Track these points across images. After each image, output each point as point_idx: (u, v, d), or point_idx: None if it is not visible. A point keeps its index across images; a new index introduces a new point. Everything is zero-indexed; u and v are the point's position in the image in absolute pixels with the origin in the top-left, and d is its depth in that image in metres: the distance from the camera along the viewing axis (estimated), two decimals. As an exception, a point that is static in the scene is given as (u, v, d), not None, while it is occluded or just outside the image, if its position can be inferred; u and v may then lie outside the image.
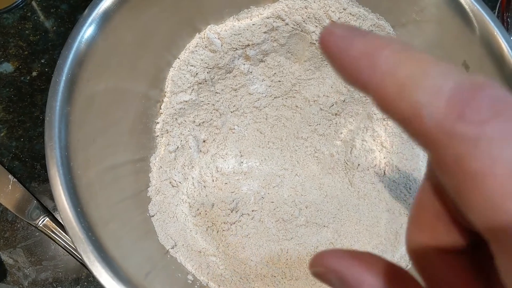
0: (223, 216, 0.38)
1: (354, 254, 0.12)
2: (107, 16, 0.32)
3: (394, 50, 0.10)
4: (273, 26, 0.39)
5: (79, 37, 0.31)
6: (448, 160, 0.09)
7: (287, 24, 0.39)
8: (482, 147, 0.08)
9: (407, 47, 0.10)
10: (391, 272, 0.12)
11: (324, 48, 0.11)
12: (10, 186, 0.41)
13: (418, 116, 0.09)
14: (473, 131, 0.09)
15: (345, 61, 0.10)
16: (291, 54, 0.41)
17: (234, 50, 0.40)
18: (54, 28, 0.48)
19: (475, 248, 0.12)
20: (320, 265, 0.13)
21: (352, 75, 0.10)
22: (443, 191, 0.11)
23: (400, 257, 0.36)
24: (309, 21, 0.39)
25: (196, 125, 0.41)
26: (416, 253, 0.12)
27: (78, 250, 0.27)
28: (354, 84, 0.10)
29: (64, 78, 0.30)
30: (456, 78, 0.09)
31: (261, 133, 0.42)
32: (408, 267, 0.36)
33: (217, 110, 0.41)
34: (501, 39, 0.32)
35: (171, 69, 0.40)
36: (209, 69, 0.40)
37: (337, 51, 0.10)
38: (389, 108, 0.10)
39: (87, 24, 0.31)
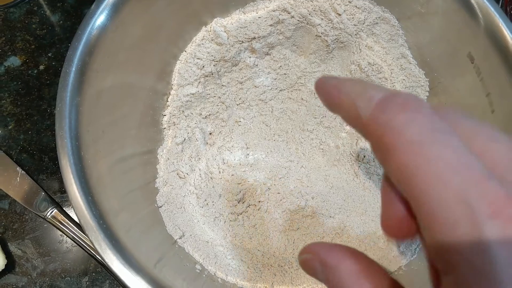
0: (230, 206, 0.39)
1: (336, 245, 0.15)
2: (116, 8, 0.33)
3: (353, 82, 0.15)
4: (279, 19, 0.39)
5: (88, 28, 0.31)
6: (379, 143, 0.13)
7: (292, 17, 0.39)
8: (392, 126, 0.13)
9: (362, 82, 0.15)
10: (365, 262, 0.15)
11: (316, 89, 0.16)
12: (18, 178, 0.42)
13: (357, 114, 0.14)
14: (388, 117, 0.13)
15: (324, 90, 0.16)
16: (297, 47, 0.42)
17: (240, 43, 0.40)
18: (61, 22, 0.48)
19: None
20: (309, 252, 0.16)
21: (326, 96, 0.16)
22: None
23: (405, 247, 0.37)
24: (315, 14, 0.39)
25: (203, 118, 0.41)
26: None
27: (90, 237, 0.28)
28: (325, 101, 0.16)
29: (74, 68, 0.31)
30: (385, 92, 0.14)
31: (266, 125, 0.43)
32: (414, 257, 0.36)
33: (223, 103, 0.41)
34: (506, 31, 0.33)
35: (178, 62, 0.40)
36: (215, 62, 0.40)
37: (321, 86, 0.16)
38: (341, 111, 0.15)
39: (96, 15, 0.32)
